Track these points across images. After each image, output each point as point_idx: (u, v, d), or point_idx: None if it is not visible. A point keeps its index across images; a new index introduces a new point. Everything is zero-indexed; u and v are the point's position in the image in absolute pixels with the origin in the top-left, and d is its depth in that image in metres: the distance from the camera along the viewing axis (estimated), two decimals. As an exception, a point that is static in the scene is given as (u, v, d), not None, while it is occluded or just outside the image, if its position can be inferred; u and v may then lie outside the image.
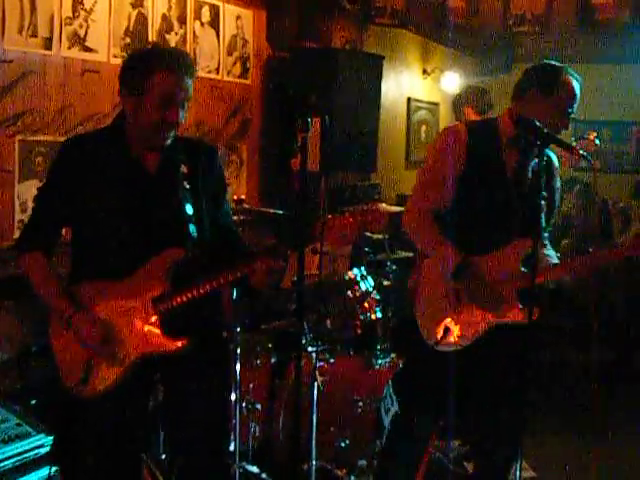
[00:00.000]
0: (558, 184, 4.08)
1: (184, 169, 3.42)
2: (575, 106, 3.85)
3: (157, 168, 3.41)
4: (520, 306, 3.77)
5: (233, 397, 4.48)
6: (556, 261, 3.96)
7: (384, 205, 4.56)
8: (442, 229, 3.83)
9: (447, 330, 3.76)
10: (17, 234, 4.70)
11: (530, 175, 3.89)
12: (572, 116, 3.86)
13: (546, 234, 4.06)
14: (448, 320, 3.79)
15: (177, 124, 3.33)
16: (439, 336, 3.76)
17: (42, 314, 3.50)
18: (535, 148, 3.85)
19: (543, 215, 3.93)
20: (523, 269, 3.81)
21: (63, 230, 3.52)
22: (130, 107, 3.33)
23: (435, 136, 4.11)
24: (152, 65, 3.25)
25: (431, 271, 3.89)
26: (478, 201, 3.80)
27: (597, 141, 5.07)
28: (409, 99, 9.40)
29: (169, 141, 3.37)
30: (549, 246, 4.07)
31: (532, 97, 3.81)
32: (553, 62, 3.87)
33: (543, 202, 3.91)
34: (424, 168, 3.96)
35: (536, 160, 3.88)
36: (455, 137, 3.84)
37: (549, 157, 4.01)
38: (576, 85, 3.83)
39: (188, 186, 3.42)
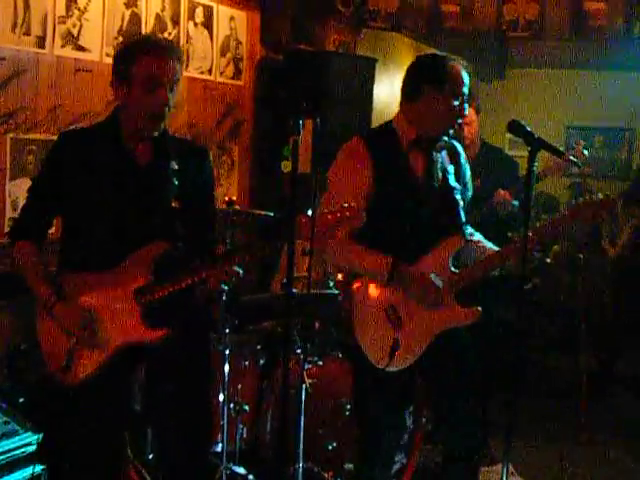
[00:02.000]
0: (468, 173, 4.04)
1: (174, 165, 3.49)
2: (467, 93, 3.76)
3: (148, 162, 3.50)
4: (460, 307, 3.75)
5: (221, 398, 4.48)
6: (493, 248, 3.90)
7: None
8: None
9: (394, 351, 3.68)
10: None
11: (440, 173, 3.85)
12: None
13: (468, 226, 4.00)
14: (392, 340, 3.70)
15: (166, 106, 3.39)
16: (387, 359, 3.69)
17: (33, 312, 3.52)
18: (438, 144, 3.84)
19: (461, 209, 3.93)
20: (453, 269, 3.79)
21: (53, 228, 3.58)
22: (120, 96, 3.44)
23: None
24: (136, 52, 3.37)
25: (364, 294, 3.79)
26: (393, 211, 3.72)
27: (585, 151, 5.06)
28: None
29: (157, 132, 3.46)
30: (476, 233, 4.01)
31: (426, 96, 3.72)
32: (433, 53, 3.78)
33: (458, 196, 3.92)
34: (330, 192, 3.80)
35: (441, 156, 3.88)
36: (356, 154, 3.76)
37: (454, 147, 3.96)
38: (463, 71, 3.75)
39: (177, 182, 3.46)
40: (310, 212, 3.18)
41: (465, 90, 3.74)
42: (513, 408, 3.58)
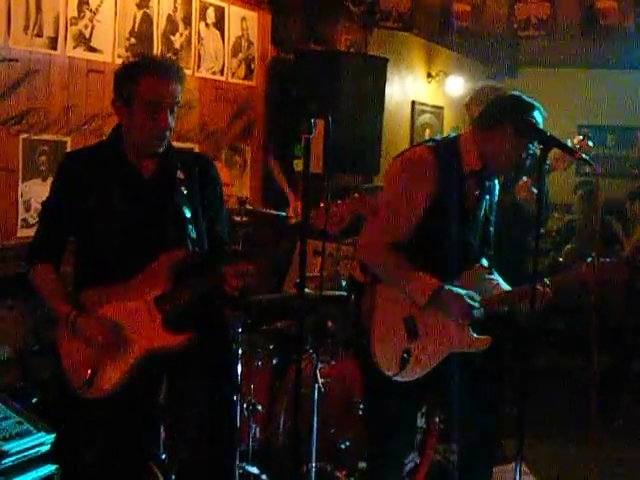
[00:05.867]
0: (495, 206, 4.01)
1: (180, 175, 3.51)
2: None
3: (153, 173, 3.50)
4: (474, 335, 3.73)
5: (234, 398, 4.48)
6: (506, 287, 3.88)
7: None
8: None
9: (405, 362, 3.66)
10: (21, 233, 4.72)
11: (483, 205, 3.85)
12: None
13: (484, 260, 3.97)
14: (405, 350, 3.68)
15: (168, 130, 3.41)
16: (397, 369, 3.66)
17: (44, 312, 3.53)
18: (491, 179, 3.84)
19: (491, 240, 3.93)
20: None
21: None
22: (122, 117, 3.44)
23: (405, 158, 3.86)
24: (138, 73, 3.35)
25: (386, 297, 3.74)
26: (439, 232, 3.68)
27: (590, 142, 5.03)
28: (413, 102, 9.42)
29: (161, 148, 3.45)
30: (494, 271, 3.96)
31: (503, 133, 3.66)
32: (523, 96, 3.76)
33: (491, 228, 3.92)
34: (389, 198, 3.70)
35: (488, 190, 3.88)
36: (425, 166, 3.66)
37: (493, 181, 3.95)
38: (541, 122, 3.70)
39: (185, 191, 3.49)
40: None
41: (534, 146, 3.72)
42: (525, 408, 3.56)
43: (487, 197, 3.88)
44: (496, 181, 3.97)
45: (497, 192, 4.00)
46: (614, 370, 7.19)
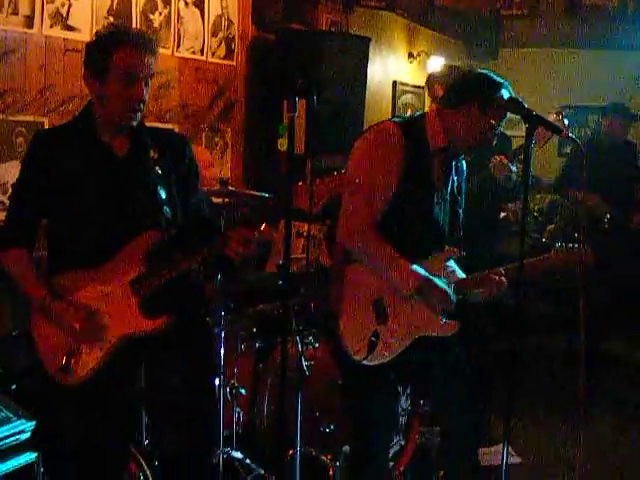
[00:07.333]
0: (464, 188, 3.99)
1: (153, 154, 3.45)
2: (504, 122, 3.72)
3: (126, 152, 3.44)
4: (443, 320, 3.69)
5: (217, 382, 4.44)
6: (461, 274, 3.84)
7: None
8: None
9: (373, 345, 3.63)
10: (-3, 216, 4.65)
11: (450, 184, 3.82)
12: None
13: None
14: (373, 332, 3.65)
15: (142, 101, 3.35)
16: (365, 352, 3.63)
17: (23, 299, 3.47)
18: (457, 158, 3.81)
19: (460, 221, 3.91)
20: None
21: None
22: (95, 90, 3.36)
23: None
24: (112, 44, 3.28)
25: (355, 280, 3.70)
26: (406, 211, 3.64)
27: (566, 121, 5.02)
28: (395, 82, 9.35)
29: (135, 122, 3.39)
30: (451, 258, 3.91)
31: (468, 110, 3.64)
32: (491, 74, 3.74)
33: (460, 209, 3.89)
34: (364, 171, 3.61)
35: (454, 169, 3.85)
36: (393, 140, 3.63)
37: (462, 163, 3.94)
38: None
39: (160, 171, 3.44)
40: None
41: (502, 124, 3.70)
42: (512, 390, 3.54)
43: (455, 178, 3.85)
44: (463, 162, 3.94)
45: (464, 174, 3.96)
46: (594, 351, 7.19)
